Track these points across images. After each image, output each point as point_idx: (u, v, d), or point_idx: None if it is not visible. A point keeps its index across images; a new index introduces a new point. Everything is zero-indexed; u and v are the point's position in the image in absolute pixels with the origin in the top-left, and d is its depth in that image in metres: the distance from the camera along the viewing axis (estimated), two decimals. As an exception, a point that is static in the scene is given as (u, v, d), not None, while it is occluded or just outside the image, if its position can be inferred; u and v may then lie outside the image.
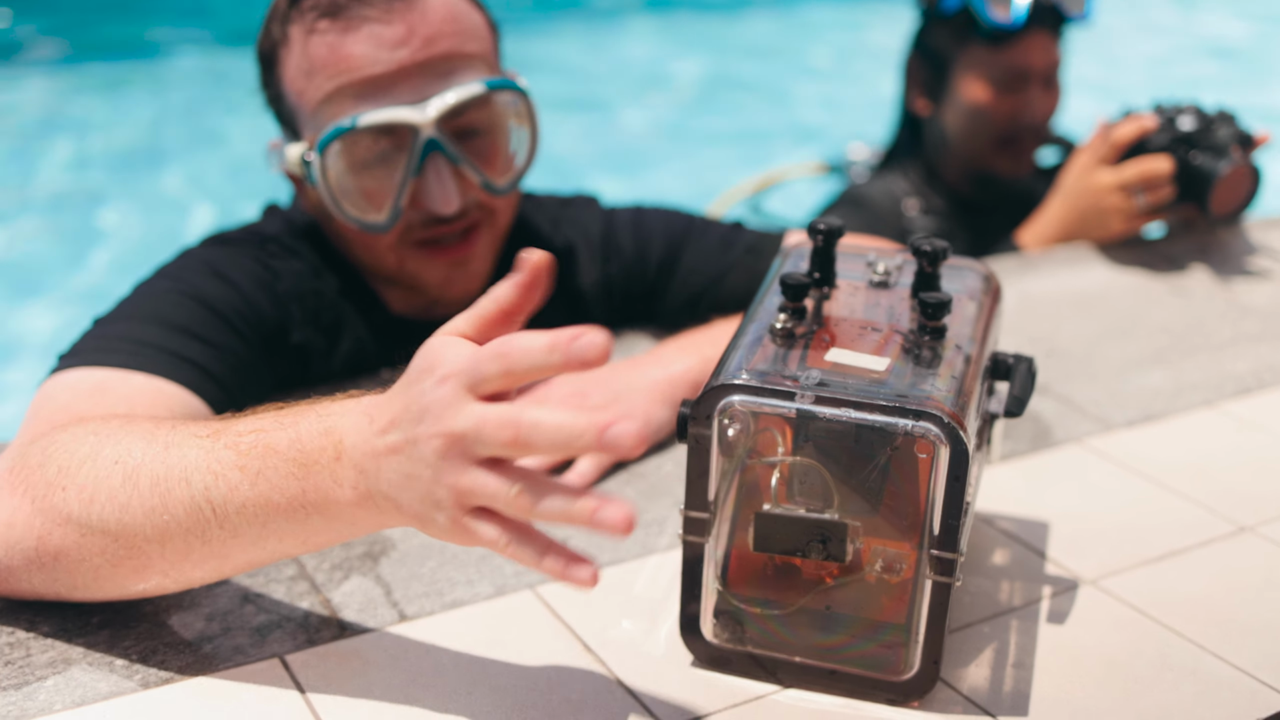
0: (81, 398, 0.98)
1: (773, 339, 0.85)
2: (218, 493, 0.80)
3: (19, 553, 0.85)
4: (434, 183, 1.17)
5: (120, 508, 0.82)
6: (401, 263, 1.24)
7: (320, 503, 0.78)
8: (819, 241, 0.92)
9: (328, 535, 0.80)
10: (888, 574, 0.82)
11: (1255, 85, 5.46)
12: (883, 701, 0.84)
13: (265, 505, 0.79)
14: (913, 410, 0.77)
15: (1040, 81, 2.14)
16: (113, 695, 0.83)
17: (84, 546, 0.83)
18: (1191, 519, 1.10)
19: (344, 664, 0.86)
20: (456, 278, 1.26)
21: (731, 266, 1.38)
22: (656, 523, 1.06)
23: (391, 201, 1.18)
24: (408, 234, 1.22)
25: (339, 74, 1.14)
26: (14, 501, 0.86)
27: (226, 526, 0.80)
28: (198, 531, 0.81)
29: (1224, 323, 1.56)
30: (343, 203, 1.17)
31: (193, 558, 0.82)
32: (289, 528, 0.79)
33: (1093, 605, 0.97)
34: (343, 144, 1.15)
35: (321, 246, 1.29)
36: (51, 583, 0.86)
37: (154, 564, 0.83)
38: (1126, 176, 1.75)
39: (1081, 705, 0.85)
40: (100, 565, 0.83)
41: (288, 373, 1.23)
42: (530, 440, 0.70)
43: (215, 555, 0.82)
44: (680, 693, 0.84)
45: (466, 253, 1.24)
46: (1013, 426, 1.25)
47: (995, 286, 1.00)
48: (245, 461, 0.79)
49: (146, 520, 0.81)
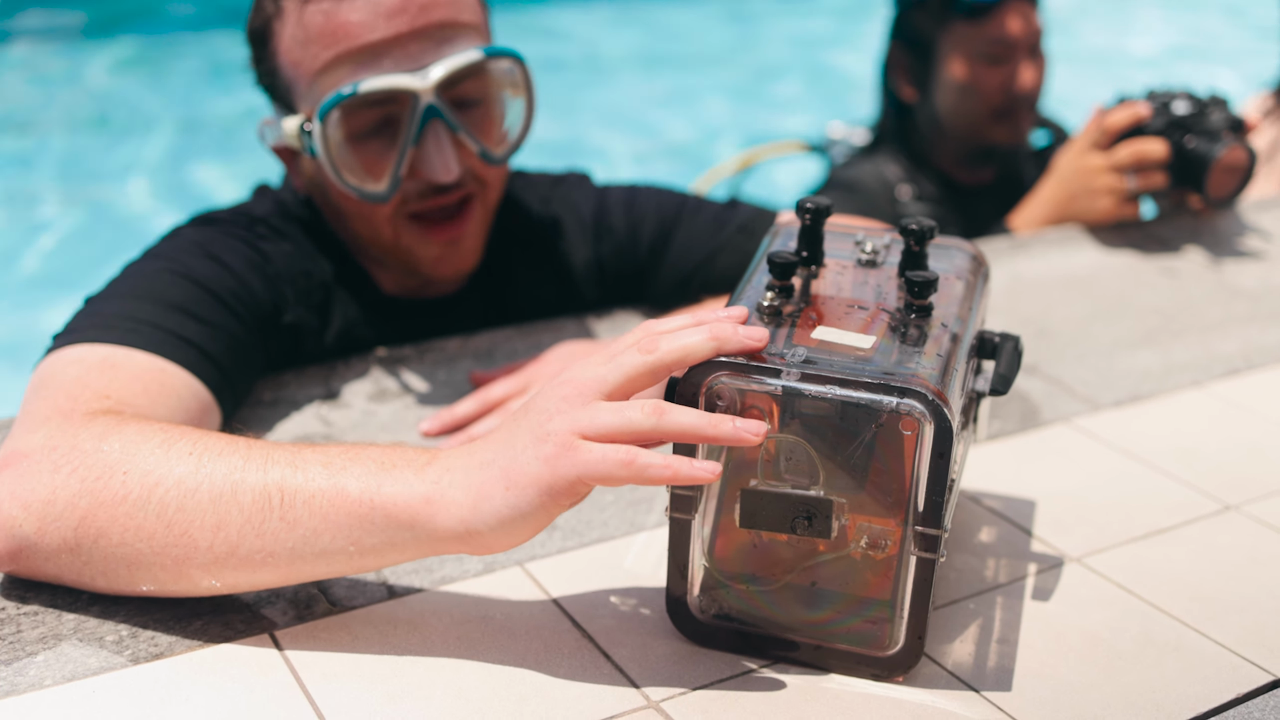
0: (92, 372, 0.98)
1: (760, 317, 0.86)
2: (292, 481, 0.81)
3: (55, 531, 0.85)
4: (434, 151, 1.17)
5: (186, 493, 0.83)
6: (397, 237, 1.24)
7: (392, 497, 0.80)
8: (807, 220, 0.93)
9: (381, 544, 0.81)
10: (873, 550, 0.83)
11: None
12: (868, 676, 0.85)
13: (336, 495, 0.80)
14: (898, 388, 0.77)
15: (1025, 51, 2.16)
16: (103, 670, 0.83)
17: (130, 530, 0.83)
18: (1177, 498, 1.11)
19: (333, 639, 0.87)
20: (449, 256, 1.26)
21: (723, 246, 1.38)
22: (644, 500, 1.06)
23: (391, 170, 1.18)
24: (404, 205, 1.22)
25: (336, 42, 1.14)
26: (58, 479, 0.85)
27: (287, 518, 0.81)
28: (256, 522, 0.81)
29: (1213, 304, 1.56)
30: (343, 172, 1.17)
31: (238, 554, 0.82)
32: (348, 527, 0.81)
33: (1077, 582, 0.97)
34: (342, 112, 1.15)
35: (312, 227, 1.29)
36: (80, 566, 0.86)
37: (197, 556, 0.83)
38: (1118, 158, 1.76)
39: (1065, 680, 0.86)
40: (141, 551, 0.83)
41: (280, 352, 1.23)
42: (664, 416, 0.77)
43: (261, 555, 0.82)
44: (667, 668, 0.85)
45: (460, 231, 1.25)
46: (1001, 406, 1.25)
47: (983, 266, 1.00)
48: (331, 459, 0.82)
49: (211, 506, 0.82)
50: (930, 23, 2.19)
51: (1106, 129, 1.78)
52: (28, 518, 0.85)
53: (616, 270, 1.43)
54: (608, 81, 5.27)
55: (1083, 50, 5.58)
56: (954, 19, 2.15)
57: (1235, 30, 6.26)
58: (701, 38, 6.06)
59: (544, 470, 0.77)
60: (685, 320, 0.81)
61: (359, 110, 1.16)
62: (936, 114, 2.23)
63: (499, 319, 1.39)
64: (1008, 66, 2.15)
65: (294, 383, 1.24)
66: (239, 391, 1.13)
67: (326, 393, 1.23)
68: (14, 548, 0.87)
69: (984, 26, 2.13)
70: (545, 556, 0.98)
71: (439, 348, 1.33)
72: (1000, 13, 2.12)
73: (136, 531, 0.83)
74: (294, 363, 1.26)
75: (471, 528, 0.79)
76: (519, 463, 0.78)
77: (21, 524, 0.85)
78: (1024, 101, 2.18)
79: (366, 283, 1.31)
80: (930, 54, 2.20)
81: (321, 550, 0.82)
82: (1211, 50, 5.91)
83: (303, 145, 1.18)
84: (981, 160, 2.26)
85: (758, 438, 0.76)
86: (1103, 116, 1.81)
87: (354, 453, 0.83)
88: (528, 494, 0.77)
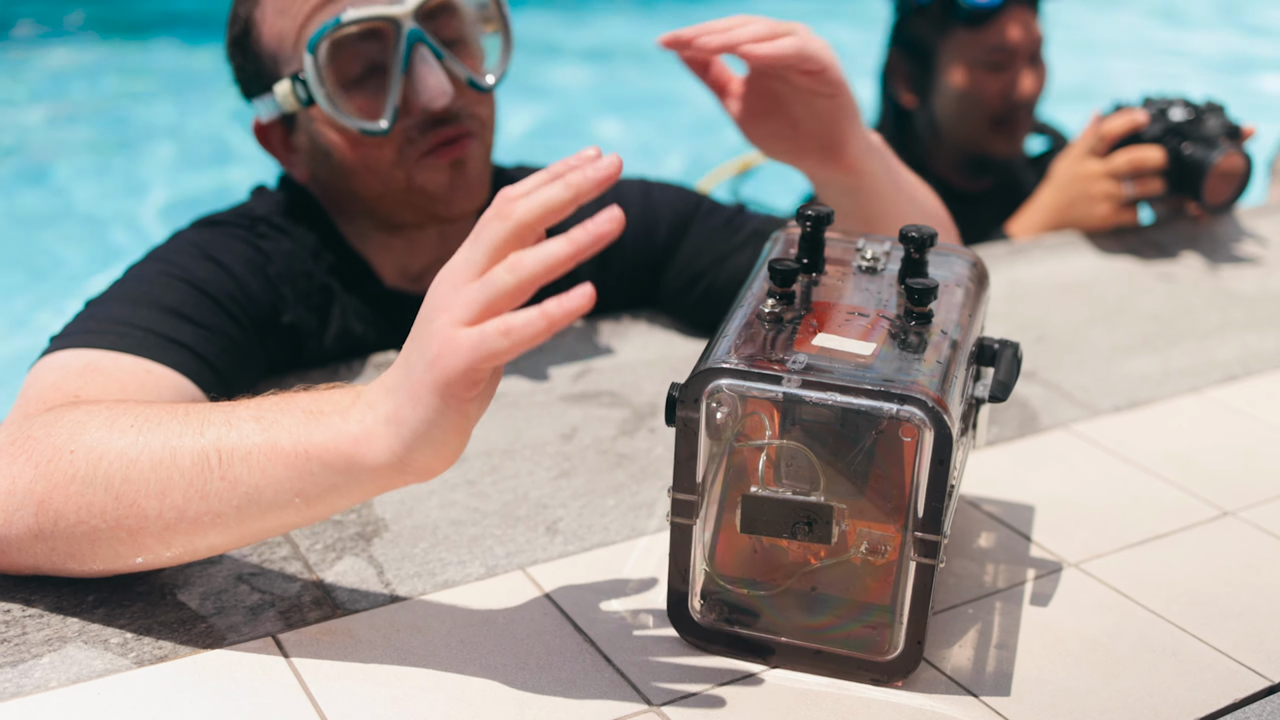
0: (71, 377, 0.99)
1: (761, 323, 0.86)
2: (227, 440, 0.82)
3: (19, 520, 0.86)
4: (425, 74, 1.19)
5: (128, 463, 0.84)
6: (409, 178, 1.25)
7: (324, 444, 0.80)
8: (807, 227, 0.93)
9: (325, 490, 0.82)
10: (873, 556, 0.83)
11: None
12: (867, 681, 0.85)
13: (271, 450, 0.81)
14: (898, 395, 0.78)
15: (1025, 58, 2.16)
16: (108, 673, 0.84)
17: (83, 507, 0.84)
18: (1175, 503, 1.11)
19: (336, 643, 0.87)
20: (459, 182, 1.26)
21: (735, 249, 1.38)
22: (645, 505, 1.07)
23: (387, 103, 1.20)
24: (409, 147, 1.23)
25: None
26: (14, 469, 0.87)
27: (228, 476, 0.82)
28: (199, 484, 0.82)
29: (1211, 310, 1.57)
30: (343, 107, 1.20)
31: (186, 517, 0.83)
32: (288, 478, 0.81)
33: (1076, 588, 0.98)
34: (331, 51, 1.18)
35: (312, 222, 1.30)
36: (50, 552, 0.87)
37: (149, 524, 0.84)
38: (1115, 164, 1.77)
39: (1063, 685, 0.86)
40: (98, 527, 0.84)
41: (280, 354, 1.24)
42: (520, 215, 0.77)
43: (208, 516, 0.83)
44: (668, 672, 0.86)
45: (462, 152, 1.26)
46: (1000, 411, 1.26)
47: (982, 273, 1.01)
48: (262, 414, 0.83)
49: (152, 473, 0.83)
50: (931, 29, 2.20)
51: (1104, 135, 1.79)
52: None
53: (629, 264, 1.42)
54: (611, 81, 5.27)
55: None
56: (955, 26, 2.15)
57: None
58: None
59: (435, 374, 0.76)
60: (539, 179, 0.78)
61: (347, 50, 1.19)
62: (935, 121, 2.23)
63: None
64: (1008, 74, 2.15)
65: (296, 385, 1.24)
66: (237, 393, 1.13)
67: (328, 396, 1.24)
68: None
69: (985, 34, 2.13)
70: (547, 560, 0.98)
71: (440, 352, 1.33)
72: (1001, 20, 2.13)
73: (89, 508, 0.84)
74: (296, 364, 1.27)
75: (399, 454, 0.79)
76: (415, 374, 0.78)
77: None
78: (1023, 109, 2.19)
79: (367, 276, 1.31)
80: (930, 60, 2.21)
81: (268, 504, 0.83)
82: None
83: (298, 99, 1.21)
84: (978, 170, 2.27)
85: (615, 223, 0.74)
86: (1100, 123, 1.81)
87: (285, 404, 0.84)
88: (431, 402, 0.77)
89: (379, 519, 1.03)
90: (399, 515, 1.03)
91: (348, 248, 1.31)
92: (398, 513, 1.04)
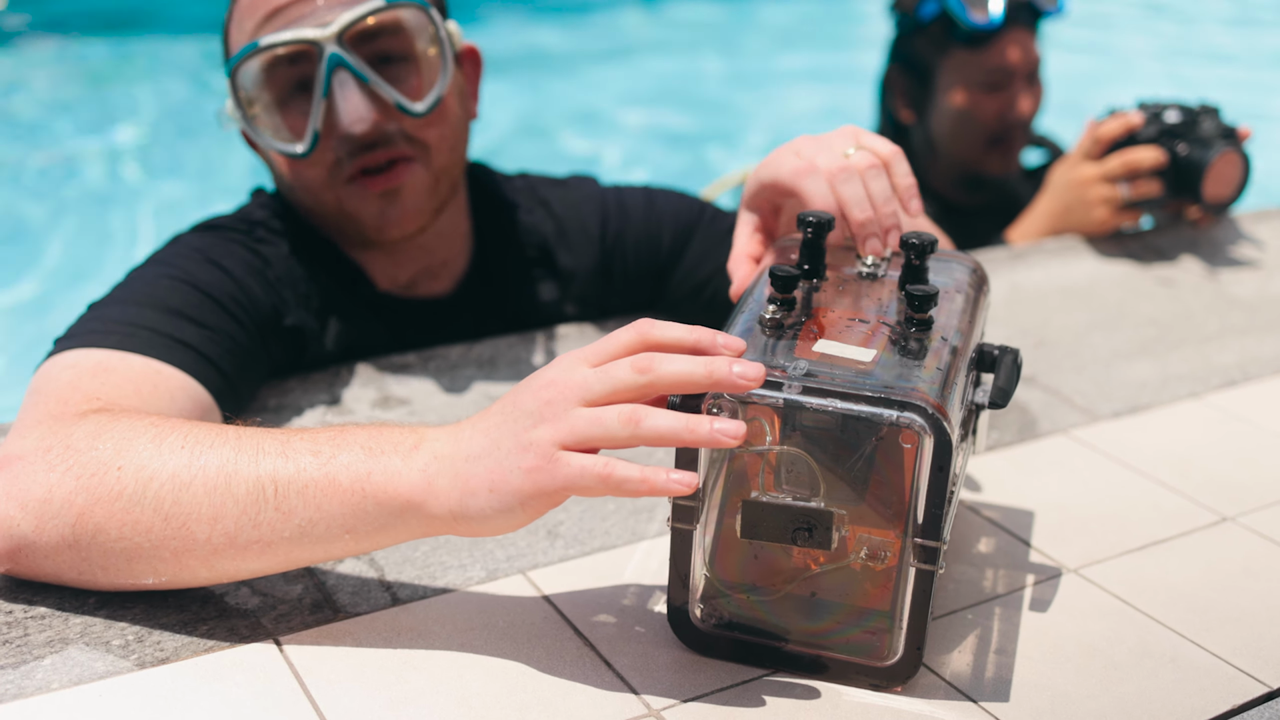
0: (86, 377, 0.99)
1: (762, 329, 0.87)
2: (285, 472, 0.83)
3: (52, 529, 0.86)
4: (341, 100, 1.18)
5: (180, 486, 0.84)
6: (340, 202, 1.24)
7: (383, 485, 0.81)
8: (808, 234, 0.93)
9: (375, 528, 0.83)
10: (872, 561, 0.84)
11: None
12: (866, 686, 0.85)
13: (327, 484, 0.82)
14: (898, 401, 0.78)
15: (1023, 79, 2.18)
16: (109, 675, 0.84)
17: (128, 524, 0.84)
18: (1174, 509, 1.12)
19: (338, 646, 0.88)
20: (390, 212, 1.24)
21: None
22: (646, 509, 1.07)
23: (308, 126, 1.19)
24: (338, 169, 1.22)
25: (255, 12, 1.19)
26: (53, 477, 0.86)
27: (282, 508, 0.82)
28: (252, 513, 0.83)
29: (1210, 315, 1.57)
30: (263, 131, 1.20)
31: (236, 544, 0.84)
32: (340, 514, 0.82)
33: (1075, 593, 0.98)
34: (262, 75, 1.18)
35: (306, 227, 1.30)
36: (79, 563, 0.87)
37: (196, 548, 0.84)
38: (1110, 167, 1.78)
39: (1062, 691, 0.87)
40: (140, 545, 0.85)
41: (283, 356, 1.24)
42: (653, 373, 0.78)
43: (258, 544, 0.84)
44: (668, 676, 0.86)
45: (395, 182, 1.23)
46: (1000, 416, 1.26)
47: (982, 278, 1.01)
48: (320, 447, 0.83)
49: (206, 498, 0.83)
50: (931, 48, 2.21)
51: (1099, 139, 1.80)
52: (25, 517, 0.87)
53: (632, 272, 1.43)
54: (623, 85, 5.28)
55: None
56: (954, 46, 2.17)
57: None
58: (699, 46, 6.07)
59: (526, 482, 0.79)
60: (682, 335, 0.81)
61: (275, 71, 1.19)
62: (932, 138, 2.25)
63: (497, 322, 1.40)
64: (1005, 94, 2.17)
65: (298, 389, 1.25)
66: (242, 395, 1.14)
67: (330, 399, 1.24)
68: (12, 547, 0.88)
69: (984, 54, 2.15)
70: (548, 564, 0.99)
71: (441, 355, 1.34)
72: (1000, 41, 2.14)
73: (134, 526, 0.84)
74: (297, 368, 1.27)
75: (460, 518, 0.81)
76: (503, 468, 0.79)
77: (19, 523, 0.87)
78: (1019, 130, 2.21)
79: (360, 279, 1.32)
80: (929, 78, 2.23)
81: (318, 537, 0.84)
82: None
83: (237, 117, 1.22)
84: (973, 187, 2.28)
85: (736, 440, 0.76)
86: (1095, 128, 1.82)
87: (341, 438, 0.84)
88: (510, 501, 0.80)
89: (380, 522, 1.03)
90: (400, 518, 1.04)
91: (341, 253, 1.31)
92: (399, 516, 1.04)
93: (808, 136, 1.04)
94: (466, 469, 0.80)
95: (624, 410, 0.77)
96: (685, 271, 1.41)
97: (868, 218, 0.98)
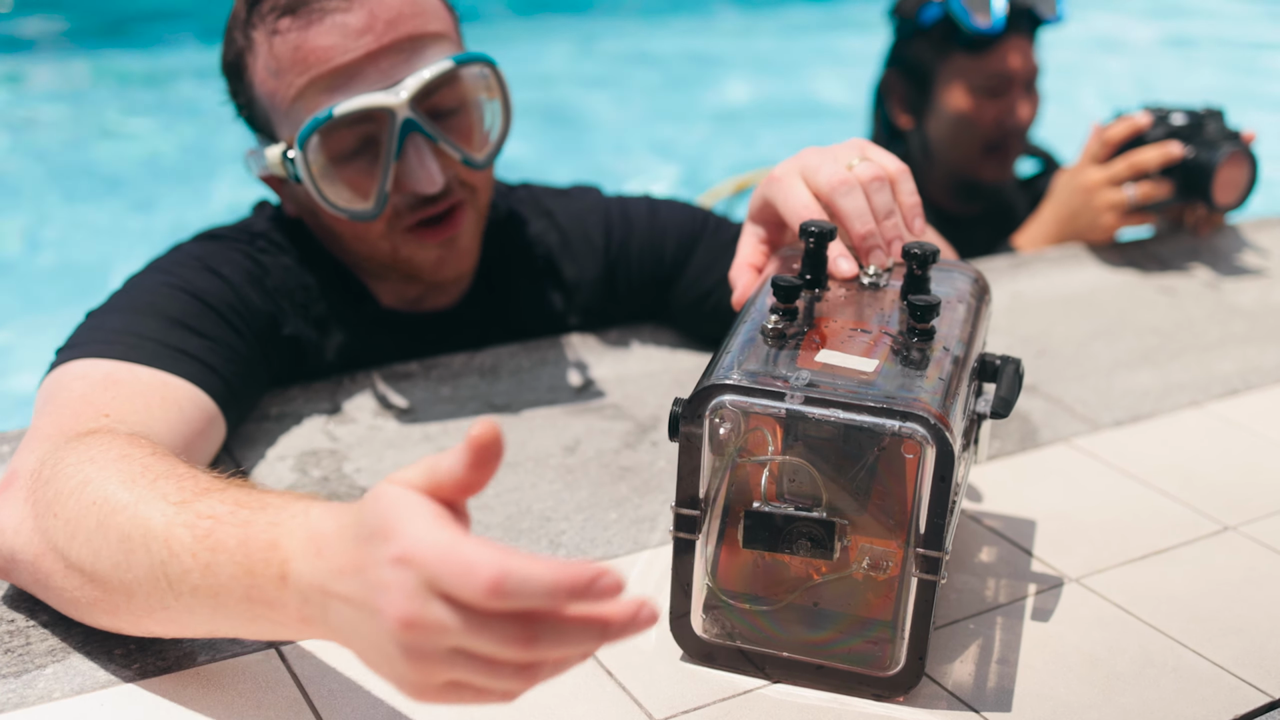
0: (97, 389, 0.99)
1: (764, 339, 0.87)
2: (173, 570, 0.78)
3: (21, 562, 0.87)
4: (416, 163, 1.18)
5: (93, 553, 0.82)
6: (395, 250, 1.25)
7: (266, 609, 0.75)
8: (810, 244, 0.94)
9: (282, 633, 0.78)
10: (874, 571, 0.84)
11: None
12: (868, 696, 0.85)
13: (215, 594, 0.77)
14: (900, 411, 0.78)
15: (1022, 86, 2.18)
16: (111, 684, 0.84)
17: (67, 578, 0.84)
18: (1176, 518, 1.12)
19: (340, 656, 0.87)
20: (448, 257, 1.27)
21: None
22: (648, 519, 1.07)
23: (377, 188, 1.19)
24: (397, 220, 1.23)
25: (309, 68, 1.15)
26: (23, 510, 0.87)
27: (182, 600, 0.78)
28: (157, 596, 0.79)
29: (1212, 323, 1.58)
30: (329, 195, 1.18)
31: (156, 617, 0.81)
32: (241, 618, 0.77)
33: (1077, 603, 0.98)
34: (321, 136, 1.16)
35: (309, 243, 1.30)
36: (47, 597, 0.88)
37: (121, 612, 0.82)
38: (1116, 170, 1.77)
39: (1064, 701, 0.87)
40: (79, 599, 0.84)
41: (282, 366, 1.24)
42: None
43: (175, 621, 0.81)
44: (670, 686, 0.86)
45: (454, 230, 1.25)
46: (1001, 426, 1.26)
47: (984, 288, 1.01)
48: (198, 549, 0.77)
49: (114, 573, 0.81)
50: (930, 52, 2.21)
51: (1106, 142, 1.80)
52: (2, 539, 0.88)
53: (636, 281, 1.43)
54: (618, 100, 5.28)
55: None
56: (955, 50, 2.17)
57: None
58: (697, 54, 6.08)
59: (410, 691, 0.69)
60: (546, 583, 0.61)
61: (338, 132, 1.17)
62: (929, 143, 2.25)
63: (500, 332, 1.40)
64: (1004, 100, 2.18)
65: (300, 397, 1.25)
66: (244, 403, 1.14)
67: (332, 408, 1.24)
68: (3, 565, 0.89)
69: (984, 59, 2.15)
70: (549, 573, 0.98)
71: (444, 364, 1.34)
72: (1001, 47, 2.15)
73: (69, 580, 0.84)
74: (296, 378, 1.27)
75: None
76: (382, 667, 0.68)
77: (9, 542, 0.88)
78: (1015, 136, 2.21)
79: (364, 296, 1.32)
80: (928, 83, 2.23)
81: (228, 626, 0.79)
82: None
83: (287, 173, 1.19)
84: (968, 195, 2.29)
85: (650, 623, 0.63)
86: (1101, 132, 1.82)
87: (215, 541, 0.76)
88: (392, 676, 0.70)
89: (382, 531, 1.03)
90: (402, 527, 1.03)
91: (345, 270, 1.31)
92: (401, 525, 1.04)
93: (813, 149, 1.03)
94: (342, 633, 0.71)
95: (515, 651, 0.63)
96: (688, 281, 1.41)
97: (869, 230, 0.97)
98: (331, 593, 0.69)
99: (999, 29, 2.12)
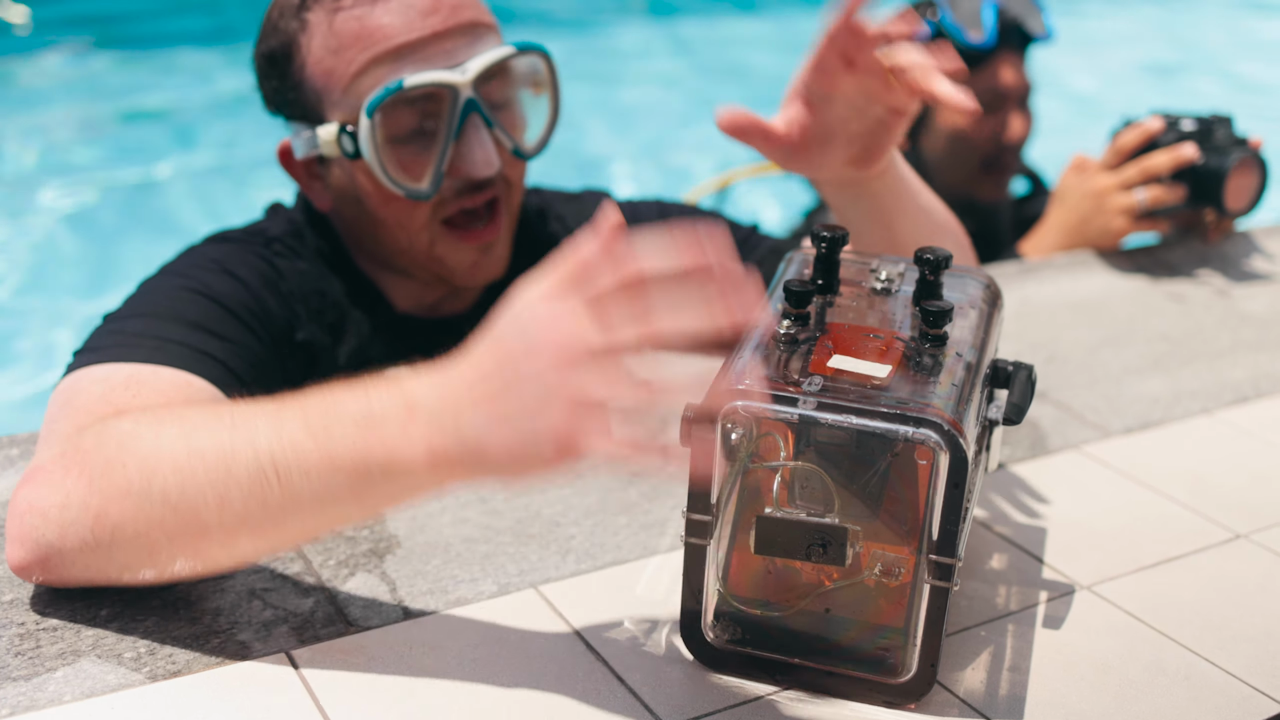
0: (116, 390, 0.99)
1: (776, 345, 0.87)
2: (283, 455, 0.81)
3: (73, 533, 0.86)
4: (475, 145, 1.19)
5: (183, 477, 0.83)
6: (432, 245, 1.25)
7: (386, 460, 0.79)
8: (823, 248, 0.93)
9: (388, 494, 0.82)
10: (886, 578, 0.83)
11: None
12: (880, 704, 0.85)
13: (329, 464, 0.80)
14: (913, 417, 0.78)
15: (1015, 101, 2.19)
16: (121, 687, 0.84)
17: (141, 519, 0.84)
18: (1187, 526, 1.11)
19: (349, 659, 0.88)
20: (483, 263, 1.28)
21: (754, 266, 1.38)
22: (658, 524, 1.07)
23: (433, 167, 1.20)
24: (440, 208, 1.24)
25: (373, 44, 1.17)
26: (68, 482, 0.87)
27: (288, 490, 0.81)
28: (258, 495, 0.82)
29: (1222, 330, 1.57)
30: (389, 166, 1.19)
31: (249, 524, 0.83)
32: (350, 488, 0.80)
33: (1088, 610, 0.98)
34: (383, 113, 1.17)
35: (325, 246, 1.30)
36: (105, 563, 0.87)
37: (211, 534, 0.84)
38: (1127, 174, 1.77)
39: (1076, 709, 0.86)
40: (157, 539, 0.85)
41: (296, 370, 1.24)
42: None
43: (272, 522, 0.83)
44: (681, 693, 0.86)
45: (494, 235, 1.27)
46: (1012, 432, 1.26)
47: (996, 294, 1.01)
48: (312, 422, 0.81)
49: (209, 487, 0.83)
50: None
51: (1119, 148, 1.79)
52: (47, 525, 0.87)
53: None
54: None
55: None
56: None
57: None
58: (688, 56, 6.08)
59: (555, 454, 0.75)
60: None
61: (398, 110, 1.18)
62: (925, 161, 2.25)
63: None
64: (999, 115, 2.19)
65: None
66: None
67: (341, 411, 1.24)
68: (41, 555, 0.88)
69: (978, 75, 2.16)
70: (559, 579, 0.98)
71: (453, 367, 1.34)
72: (995, 62, 2.16)
73: (147, 520, 0.85)
74: (309, 382, 1.27)
75: (475, 474, 0.78)
76: (522, 429, 0.75)
77: (44, 532, 0.87)
78: (1010, 152, 2.22)
79: (379, 301, 1.32)
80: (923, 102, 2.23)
81: (330, 510, 0.83)
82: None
83: (343, 150, 1.20)
84: (964, 215, 2.28)
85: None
86: (1115, 139, 1.82)
87: (331, 410, 0.81)
88: (534, 467, 0.77)
89: (391, 535, 1.03)
90: (411, 532, 1.04)
91: (361, 274, 1.31)
92: (410, 529, 1.04)
93: None
94: (478, 440, 0.76)
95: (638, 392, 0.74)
96: None
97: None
98: (466, 402, 0.76)
99: (992, 43, 2.13)
